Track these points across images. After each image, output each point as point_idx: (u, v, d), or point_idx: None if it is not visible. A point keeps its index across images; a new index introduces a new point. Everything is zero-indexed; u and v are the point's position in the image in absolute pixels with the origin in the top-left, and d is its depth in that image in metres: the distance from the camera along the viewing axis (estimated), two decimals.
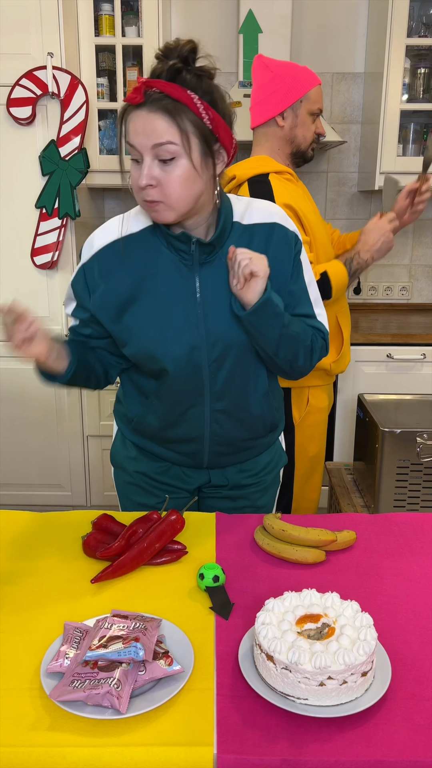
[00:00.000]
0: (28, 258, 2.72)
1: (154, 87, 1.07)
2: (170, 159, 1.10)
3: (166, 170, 1.11)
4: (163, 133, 1.08)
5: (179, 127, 1.08)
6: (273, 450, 1.52)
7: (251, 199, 1.31)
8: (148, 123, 1.08)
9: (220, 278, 1.23)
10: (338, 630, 0.89)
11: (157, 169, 1.11)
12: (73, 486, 3.01)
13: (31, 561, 1.20)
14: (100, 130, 2.88)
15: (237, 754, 0.79)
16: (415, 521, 1.36)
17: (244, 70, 2.84)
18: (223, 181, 1.87)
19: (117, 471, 1.54)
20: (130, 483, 1.49)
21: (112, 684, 0.84)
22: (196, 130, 1.10)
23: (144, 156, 1.10)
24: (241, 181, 1.86)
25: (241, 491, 1.47)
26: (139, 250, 1.24)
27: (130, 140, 1.11)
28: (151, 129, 1.08)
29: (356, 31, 3.06)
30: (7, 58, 2.54)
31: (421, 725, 0.83)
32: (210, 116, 1.11)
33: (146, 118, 1.08)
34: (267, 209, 1.28)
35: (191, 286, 1.23)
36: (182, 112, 1.08)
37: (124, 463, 1.49)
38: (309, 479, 2.07)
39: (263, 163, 1.87)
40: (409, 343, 2.78)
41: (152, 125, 1.07)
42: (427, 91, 2.89)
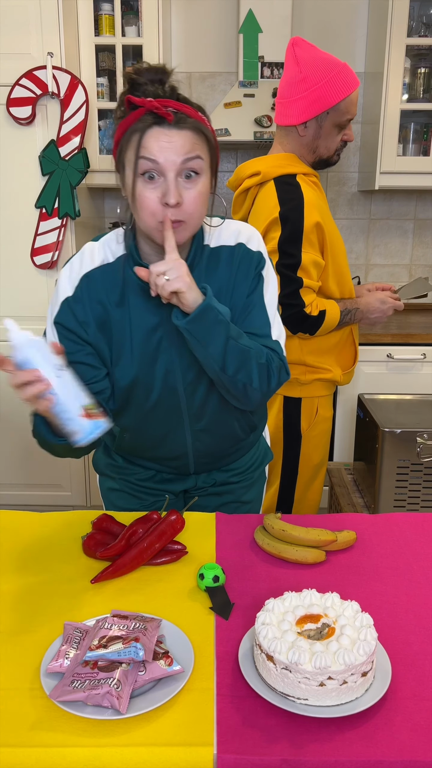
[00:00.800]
0: (28, 258, 2.72)
1: (170, 107, 1.06)
2: (195, 175, 1.09)
3: (188, 187, 1.09)
4: (192, 148, 1.07)
5: (204, 143, 1.09)
6: (258, 448, 1.53)
7: (221, 219, 1.27)
8: (175, 139, 1.06)
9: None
10: (338, 630, 0.89)
11: (180, 186, 1.09)
12: (73, 486, 3.01)
13: (31, 561, 1.20)
14: (100, 130, 2.88)
15: (237, 754, 0.79)
16: (415, 521, 1.36)
17: (244, 70, 2.84)
18: (243, 174, 1.85)
19: (101, 477, 1.54)
20: (115, 489, 1.49)
21: (112, 684, 0.84)
22: (209, 150, 1.11)
23: (167, 173, 1.07)
24: (266, 179, 1.78)
25: (226, 487, 1.48)
26: (115, 279, 1.21)
27: (152, 156, 1.06)
28: (180, 145, 1.06)
29: (356, 31, 3.06)
30: (7, 58, 2.54)
31: (421, 725, 0.83)
32: (214, 136, 1.13)
33: (175, 135, 1.06)
34: (236, 230, 1.26)
35: (164, 312, 1.21)
36: (203, 131, 1.09)
37: (107, 470, 1.49)
38: (311, 485, 2.06)
39: (290, 163, 1.79)
40: (409, 343, 2.78)
41: (181, 141, 1.06)
42: (427, 91, 2.89)
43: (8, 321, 1.01)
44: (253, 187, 1.86)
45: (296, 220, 1.72)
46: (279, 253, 1.72)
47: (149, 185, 1.08)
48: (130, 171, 1.09)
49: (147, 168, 1.07)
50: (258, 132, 2.80)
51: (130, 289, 1.21)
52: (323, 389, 1.96)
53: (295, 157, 1.83)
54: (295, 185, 1.76)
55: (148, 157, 1.06)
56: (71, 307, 1.21)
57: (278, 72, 2.85)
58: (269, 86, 2.84)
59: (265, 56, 2.83)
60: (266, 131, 2.81)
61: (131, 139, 1.08)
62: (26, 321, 2.85)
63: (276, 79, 2.85)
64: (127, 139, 1.09)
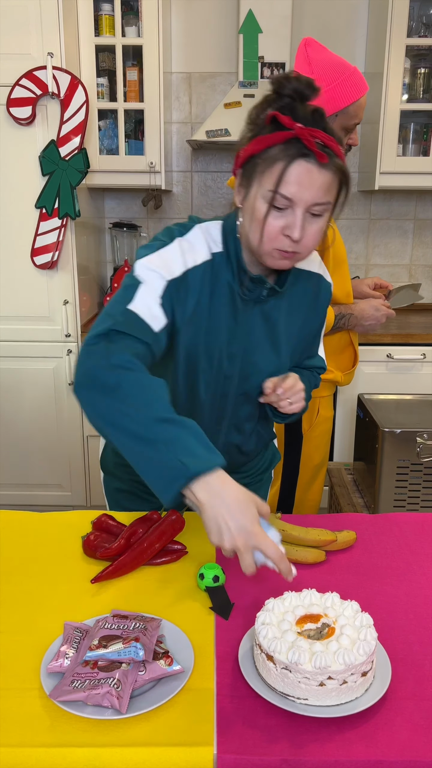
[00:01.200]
0: (28, 258, 2.72)
1: (318, 139, 1.01)
2: (319, 215, 1.07)
3: (310, 224, 1.07)
4: (326, 192, 1.05)
5: (338, 185, 1.07)
6: (266, 452, 1.54)
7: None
8: (316, 179, 1.03)
9: (265, 317, 1.23)
10: (338, 630, 0.89)
11: (305, 222, 1.07)
12: (73, 486, 3.01)
13: (31, 561, 1.20)
14: (100, 130, 2.88)
15: (237, 754, 0.79)
16: (415, 521, 1.36)
17: (244, 70, 2.84)
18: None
19: (108, 477, 1.51)
20: (123, 490, 1.47)
21: (112, 684, 0.84)
22: (341, 187, 1.08)
23: (296, 208, 1.04)
24: None
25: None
26: (208, 275, 1.18)
27: (287, 191, 1.03)
28: (318, 187, 1.03)
29: (356, 31, 3.06)
30: (7, 58, 2.54)
31: (421, 725, 0.83)
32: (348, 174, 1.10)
33: (317, 175, 1.02)
34: (313, 259, 1.29)
35: (240, 320, 1.21)
36: (345, 170, 1.06)
37: (116, 470, 1.48)
38: (311, 485, 2.06)
39: None
40: (409, 343, 2.78)
41: (320, 183, 1.03)
42: (427, 91, 2.89)
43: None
44: None
45: None
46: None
47: (275, 214, 1.06)
48: (258, 193, 1.06)
49: (278, 201, 1.04)
50: None
51: (219, 289, 1.18)
52: (324, 390, 1.96)
53: None
54: None
55: (285, 195, 1.03)
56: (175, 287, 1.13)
57: (278, 72, 2.85)
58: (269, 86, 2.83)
59: (265, 56, 2.83)
60: None
61: (273, 166, 1.03)
62: (27, 321, 2.87)
63: None
64: (267, 161, 1.04)
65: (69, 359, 2.82)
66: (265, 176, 1.05)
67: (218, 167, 3.26)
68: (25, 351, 2.83)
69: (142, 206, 3.14)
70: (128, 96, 2.83)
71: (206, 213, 3.32)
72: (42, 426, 2.91)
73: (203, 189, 3.29)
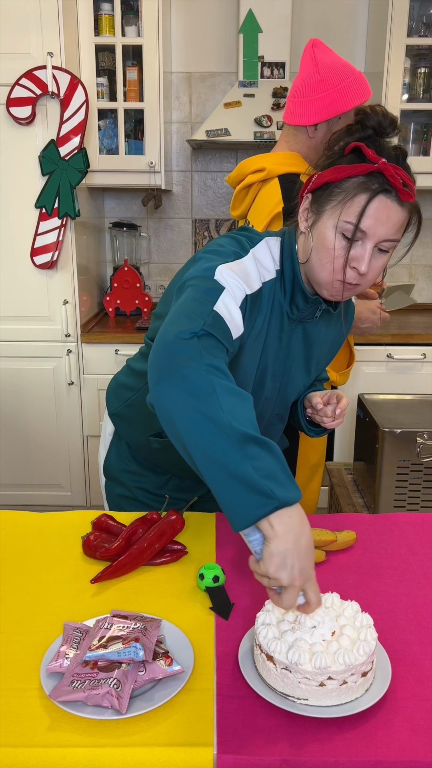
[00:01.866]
0: (27, 258, 2.72)
1: (400, 176, 1.01)
2: (386, 251, 1.07)
3: (376, 258, 1.07)
4: (400, 229, 1.05)
5: (407, 226, 1.06)
6: None
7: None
8: (393, 217, 1.02)
9: (309, 337, 1.23)
10: (338, 630, 0.89)
11: (372, 256, 1.06)
12: (73, 486, 3.01)
13: (31, 561, 1.20)
14: (99, 130, 2.88)
15: (237, 754, 0.79)
16: (415, 521, 1.36)
17: (244, 70, 2.84)
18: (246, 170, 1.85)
19: (110, 483, 1.50)
20: (126, 496, 1.46)
21: (112, 684, 0.84)
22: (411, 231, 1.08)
23: (367, 242, 1.04)
24: (270, 176, 1.77)
25: None
26: (270, 295, 1.15)
27: (364, 226, 1.02)
28: (395, 223, 1.03)
29: (356, 31, 3.06)
30: (7, 58, 2.54)
31: (421, 725, 0.83)
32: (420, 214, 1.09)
33: (396, 212, 1.02)
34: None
35: (285, 339, 1.20)
36: (419, 210, 1.06)
37: (121, 476, 1.46)
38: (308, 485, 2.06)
39: (295, 162, 1.79)
40: (409, 343, 2.78)
41: (395, 221, 1.03)
42: (427, 91, 2.89)
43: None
44: (256, 184, 1.85)
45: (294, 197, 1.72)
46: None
47: (344, 244, 1.04)
48: (332, 222, 1.04)
49: (349, 230, 1.03)
50: (258, 132, 2.80)
51: (275, 310, 1.16)
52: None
53: (300, 156, 1.83)
54: (299, 184, 1.76)
55: (362, 228, 1.02)
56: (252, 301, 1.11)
57: (278, 72, 2.85)
58: (269, 86, 2.84)
59: (265, 56, 2.83)
60: (266, 131, 2.81)
61: (353, 197, 1.02)
62: (27, 321, 2.87)
63: (276, 79, 2.85)
64: (346, 192, 1.03)
65: (69, 359, 2.82)
66: (343, 209, 1.03)
67: (218, 167, 3.26)
68: (25, 351, 2.83)
69: (142, 206, 3.15)
70: (128, 96, 2.83)
71: (206, 213, 3.32)
72: (42, 426, 2.91)
73: (203, 189, 3.29)
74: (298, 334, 1.22)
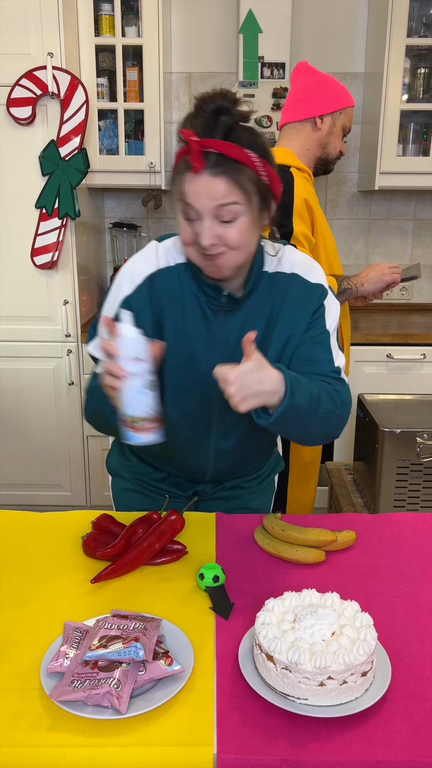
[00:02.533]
0: (28, 258, 2.72)
1: (211, 147, 1.02)
2: (232, 219, 1.07)
3: (226, 228, 1.08)
4: (227, 194, 1.05)
5: (242, 188, 1.05)
6: (270, 461, 1.54)
7: (280, 245, 1.26)
8: (210, 186, 1.04)
9: (240, 325, 1.22)
10: (338, 630, 0.89)
11: (218, 227, 1.07)
12: (73, 486, 3.01)
13: (32, 561, 1.20)
14: (100, 130, 2.88)
15: (237, 754, 0.79)
16: (415, 521, 1.36)
17: (244, 70, 2.84)
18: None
19: (115, 479, 1.54)
20: (129, 489, 1.49)
21: (112, 684, 0.84)
22: (255, 188, 1.07)
23: (204, 216, 1.06)
24: None
25: (235, 492, 1.48)
26: (172, 286, 1.21)
27: (189, 201, 1.06)
28: (214, 191, 1.04)
29: (356, 31, 3.06)
30: (7, 58, 2.54)
31: (421, 725, 0.83)
32: (267, 172, 1.09)
33: (208, 182, 1.04)
34: (294, 260, 1.25)
35: (213, 330, 1.22)
36: (244, 173, 1.05)
37: (121, 470, 1.50)
38: (303, 484, 2.07)
39: (287, 156, 1.89)
40: (409, 343, 2.78)
41: (215, 188, 1.04)
42: (427, 91, 2.89)
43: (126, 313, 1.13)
44: None
45: (286, 194, 1.80)
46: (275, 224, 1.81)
47: (188, 222, 1.09)
48: (178, 207, 1.10)
49: (186, 211, 1.08)
50: None
51: (188, 301, 1.21)
52: None
53: (292, 153, 1.91)
54: (287, 173, 1.86)
55: (186, 201, 1.07)
56: (130, 305, 1.20)
57: (278, 72, 2.85)
58: (269, 86, 2.84)
59: (265, 56, 2.83)
60: (266, 131, 2.81)
61: (174, 178, 1.09)
62: (27, 321, 2.86)
63: (276, 80, 2.85)
64: (174, 176, 1.09)
65: (69, 359, 2.82)
66: (174, 188, 1.09)
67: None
68: (25, 351, 2.83)
69: (142, 206, 3.14)
70: (128, 96, 2.83)
71: None
72: (42, 426, 2.91)
73: None
74: (231, 325, 1.21)
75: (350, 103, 1.93)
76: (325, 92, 1.88)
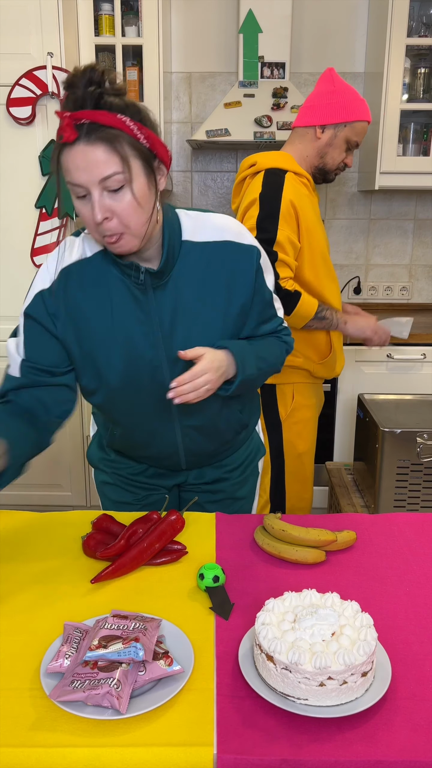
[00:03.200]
0: (27, 258, 2.72)
1: (83, 119, 1.01)
2: (119, 188, 1.05)
3: (117, 199, 1.06)
4: (106, 164, 1.03)
5: (120, 154, 1.03)
6: (250, 444, 1.53)
7: (202, 213, 1.26)
8: (88, 157, 1.02)
9: (174, 299, 1.22)
10: (338, 630, 0.89)
11: (107, 200, 1.06)
12: (73, 486, 3.01)
13: (31, 561, 1.20)
14: None
15: (237, 754, 0.79)
16: (415, 521, 1.36)
17: (244, 70, 2.84)
18: (243, 166, 1.95)
19: (96, 471, 1.56)
20: (108, 483, 1.51)
21: (112, 684, 0.84)
22: (136, 152, 1.05)
23: (91, 190, 1.05)
24: (259, 170, 1.90)
25: (219, 485, 1.49)
26: (93, 275, 1.21)
27: (71, 179, 1.05)
28: (94, 163, 1.02)
29: (356, 31, 3.06)
30: (7, 58, 2.54)
31: (421, 725, 0.83)
32: (145, 135, 1.07)
33: (85, 153, 1.02)
34: (220, 224, 1.24)
35: (146, 309, 1.21)
36: (119, 138, 1.03)
37: (101, 464, 1.51)
38: (300, 477, 2.07)
39: (286, 160, 1.91)
40: (409, 343, 2.78)
41: (93, 159, 1.02)
42: (427, 91, 2.89)
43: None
44: (249, 177, 1.97)
45: (273, 199, 1.83)
46: (256, 229, 1.82)
47: (82, 202, 1.08)
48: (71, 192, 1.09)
49: (72, 189, 1.07)
50: (258, 132, 2.80)
51: (113, 287, 1.20)
52: (297, 376, 2.00)
53: (292, 158, 1.95)
54: (279, 176, 1.88)
55: (70, 181, 1.06)
56: (44, 299, 1.21)
57: (278, 72, 2.85)
58: (269, 86, 2.84)
59: (265, 56, 2.83)
60: (266, 131, 2.81)
61: (58, 164, 1.06)
62: None
63: (276, 79, 2.85)
64: (55, 162, 1.07)
65: None
66: (61, 177, 1.07)
67: (218, 167, 3.26)
68: None
69: None
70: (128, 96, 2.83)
71: None
72: None
73: (203, 189, 3.29)
74: (163, 301, 1.20)
75: (359, 117, 1.90)
76: (333, 103, 1.88)
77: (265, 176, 1.87)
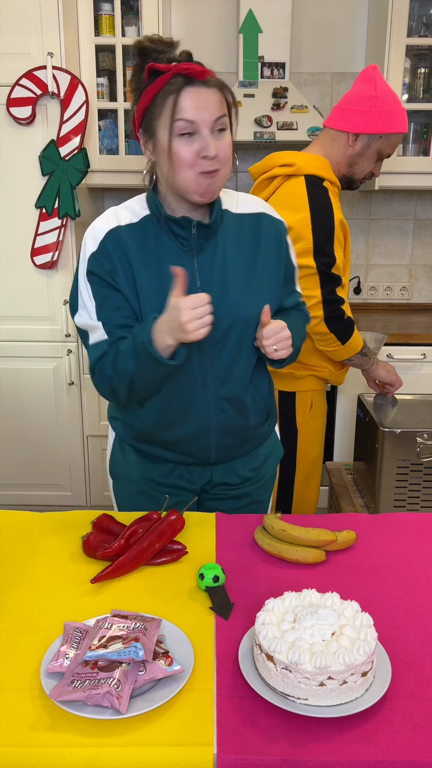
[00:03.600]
0: (28, 258, 2.72)
1: (191, 68, 1.16)
2: (222, 130, 1.19)
3: (220, 138, 1.19)
4: (219, 107, 1.18)
5: (228, 101, 1.20)
6: (271, 441, 1.53)
7: (231, 191, 1.38)
8: (207, 98, 1.16)
9: (217, 262, 1.29)
10: (338, 630, 0.89)
11: (214, 140, 1.18)
12: (73, 486, 3.01)
13: (31, 561, 1.20)
14: (100, 130, 2.88)
15: (237, 754, 0.79)
16: (415, 521, 1.36)
17: (244, 70, 2.84)
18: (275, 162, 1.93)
19: (118, 483, 1.51)
20: (136, 492, 1.47)
21: (112, 684, 0.84)
22: (230, 104, 1.22)
23: (202, 130, 1.17)
24: (298, 173, 1.85)
25: (245, 489, 1.47)
26: (141, 238, 1.27)
27: (186, 116, 1.15)
28: (212, 103, 1.17)
29: (356, 31, 3.06)
30: (7, 58, 2.54)
31: (421, 725, 0.83)
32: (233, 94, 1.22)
33: (205, 94, 1.16)
34: (254, 201, 1.39)
35: (191, 271, 1.27)
36: (227, 88, 1.21)
37: (127, 471, 1.47)
38: (309, 482, 2.07)
39: (323, 166, 1.86)
40: (409, 343, 2.78)
41: (211, 100, 1.17)
42: (427, 91, 2.89)
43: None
44: (281, 177, 1.90)
45: (326, 218, 1.81)
46: (317, 253, 1.81)
47: (185, 142, 1.17)
48: (164, 132, 1.18)
49: (184, 128, 1.16)
50: (258, 132, 2.80)
51: (162, 249, 1.27)
52: (317, 384, 2.00)
53: (329, 163, 1.89)
54: (323, 189, 1.84)
55: (185, 118, 1.15)
56: (98, 260, 1.27)
57: (278, 72, 2.85)
58: (269, 86, 2.84)
59: (265, 56, 2.83)
60: (266, 131, 2.81)
61: (165, 102, 1.16)
62: (27, 321, 2.87)
63: (276, 79, 2.85)
64: (158, 103, 1.17)
65: (69, 359, 2.82)
66: (163, 117, 1.17)
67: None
68: (25, 351, 2.83)
69: None
70: (128, 96, 2.83)
71: None
72: (42, 426, 2.91)
73: None
74: (204, 265, 1.29)
75: (396, 129, 1.82)
76: (373, 111, 1.79)
77: (307, 186, 1.81)
